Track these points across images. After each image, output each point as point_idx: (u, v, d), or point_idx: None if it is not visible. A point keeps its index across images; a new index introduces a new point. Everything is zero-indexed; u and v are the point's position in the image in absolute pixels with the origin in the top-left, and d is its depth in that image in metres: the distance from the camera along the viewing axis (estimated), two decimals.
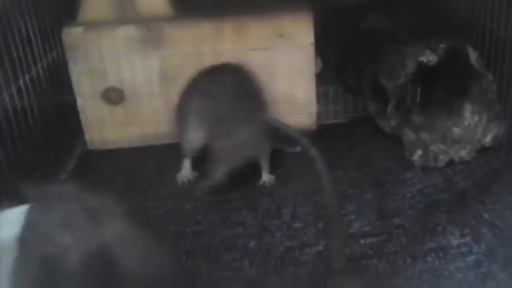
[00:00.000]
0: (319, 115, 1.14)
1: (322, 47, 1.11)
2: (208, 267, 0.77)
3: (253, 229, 0.85)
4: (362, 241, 0.81)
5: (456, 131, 1.05)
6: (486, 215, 0.86)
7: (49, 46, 0.96)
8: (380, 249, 0.79)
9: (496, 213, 0.86)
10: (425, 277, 0.73)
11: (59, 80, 0.98)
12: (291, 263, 0.77)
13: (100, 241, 0.50)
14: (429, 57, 0.98)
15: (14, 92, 0.69)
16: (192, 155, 0.96)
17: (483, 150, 1.01)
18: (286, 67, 1.08)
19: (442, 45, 0.98)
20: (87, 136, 1.05)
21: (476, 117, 1.04)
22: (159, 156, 1.05)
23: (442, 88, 1.08)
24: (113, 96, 0.97)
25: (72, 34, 0.99)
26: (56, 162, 0.92)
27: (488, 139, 1.02)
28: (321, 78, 1.15)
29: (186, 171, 0.96)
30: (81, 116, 1.03)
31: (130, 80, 0.99)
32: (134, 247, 0.52)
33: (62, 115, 0.97)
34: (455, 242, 0.80)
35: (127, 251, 0.51)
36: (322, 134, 1.10)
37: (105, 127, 1.03)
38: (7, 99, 0.63)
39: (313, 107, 1.11)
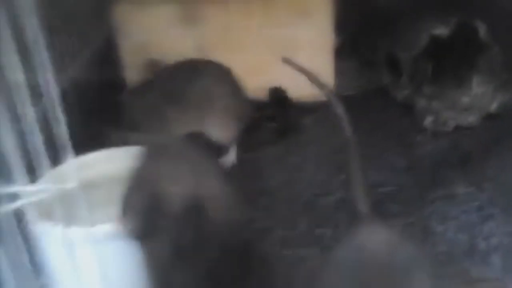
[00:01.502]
0: (336, 87, 1.23)
1: (340, 23, 1.20)
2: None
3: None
4: (378, 190, 0.91)
5: (464, 99, 1.13)
6: (489, 171, 0.96)
7: (102, 22, 1.09)
8: (394, 196, 0.90)
9: (498, 170, 0.96)
10: (434, 217, 0.84)
11: (110, 52, 1.10)
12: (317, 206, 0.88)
13: (197, 191, 0.61)
14: (441, 31, 1.07)
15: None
16: None
17: (489, 117, 1.10)
18: (307, 42, 1.17)
19: (453, 19, 1.07)
20: None
21: (483, 87, 1.12)
22: None
23: (452, 59, 1.17)
24: (155, 67, 1.08)
25: (122, 12, 1.11)
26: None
27: (494, 107, 1.11)
28: (338, 52, 1.23)
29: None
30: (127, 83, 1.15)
31: (169, 53, 1.10)
32: (223, 199, 0.63)
33: (111, 83, 1.09)
34: (460, 191, 0.90)
35: (218, 202, 0.61)
36: None
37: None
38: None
39: (330, 79, 1.21)
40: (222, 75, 1.00)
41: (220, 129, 1.00)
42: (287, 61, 0.88)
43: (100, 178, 0.74)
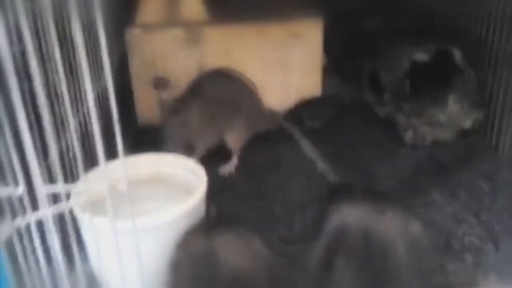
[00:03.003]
0: None
1: (328, 45, 1.32)
2: None
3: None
4: None
5: (441, 116, 1.23)
6: (462, 181, 1.07)
7: (117, 44, 1.19)
8: None
9: (471, 180, 1.06)
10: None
11: (122, 70, 1.20)
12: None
13: None
14: (421, 56, 1.18)
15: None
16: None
17: (463, 133, 1.21)
18: (298, 61, 1.29)
19: (432, 46, 1.18)
20: (140, 115, 1.27)
21: (458, 105, 1.22)
22: None
23: (430, 80, 1.27)
24: (161, 83, 1.18)
25: (132, 34, 1.22)
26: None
27: (468, 124, 1.21)
28: (326, 71, 1.35)
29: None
30: (135, 99, 1.26)
31: (174, 71, 1.21)
32: None
33: (122, 98, 1.18)
34: (437, 198, 1.01)
35: None
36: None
37: (154, 108, 1.24)
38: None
39: (318, 95, 1.32)
40: (248, 85, 1.11)
41: (238, 137, 1.10)
42: None
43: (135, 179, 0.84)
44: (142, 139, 1.20)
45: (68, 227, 0.67)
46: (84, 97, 0.82)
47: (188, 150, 1.01)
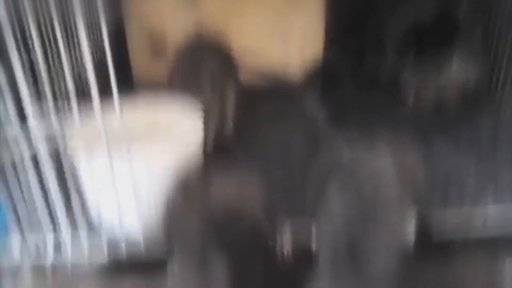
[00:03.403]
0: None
1: (329, 9, 1.31)
2: None
3: None
4: None
5: (444, 77, 1.21)
6: (464, 135, 1.06)
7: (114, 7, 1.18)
8: None
9: (472, 134, 1.06)
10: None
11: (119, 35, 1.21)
12: None
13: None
14: (424, 17, 1.17)
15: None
16: None
17: (467, 92, 1.19)
18: (299, 26, 1.29)
19: (435, 6, 1.17)
20: (136, 80, 1.27)
21: (461, 65, 1.21)
22: None
23: (434, 41, 1.26)
24: (157, 48, 1.19)
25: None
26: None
27: (471, 83, 1.20)
28: (327, 36, 1.33)
29: None
30: (132, 65, 1.26)
31: (172, 35, 1.21)
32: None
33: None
34: (436, 151, 1.01)
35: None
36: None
37: (150, 71, 1.25)
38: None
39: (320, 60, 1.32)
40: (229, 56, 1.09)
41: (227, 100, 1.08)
42: None
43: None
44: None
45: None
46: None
47: None
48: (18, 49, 0.65)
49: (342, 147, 0.71)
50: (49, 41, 0.77)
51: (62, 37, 0.68)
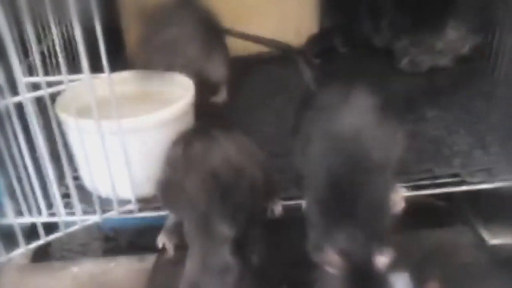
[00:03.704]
0: None
1: None
2: None
3: None
4: None
5: (439, 43, 1.20)
6: (457, 100, 1.06)
7: None
8: None
9: (465, 99, 1.06)
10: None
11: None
12: None
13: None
14: None
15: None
16: None
17: (461, 58, 1.19)
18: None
19: None
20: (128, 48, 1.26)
21: (456, 32, 1.20)
22: None
23: (428, 6, 1.24)
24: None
25: None
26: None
27: (465, 49, 1.20)
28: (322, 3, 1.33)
29: None
30: (125, 36, 1.25)
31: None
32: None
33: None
34: (430, 114, 1.01)
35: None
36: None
37: None
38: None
39: (315, 27, 1.32)
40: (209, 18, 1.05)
41: (217, 68, 1.07)
42: None
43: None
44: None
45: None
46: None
47: None
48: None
49: (328, 104, 0.71)
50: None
51: None
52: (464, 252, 0.82)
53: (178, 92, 0.86)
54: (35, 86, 0.68)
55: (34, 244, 0.77)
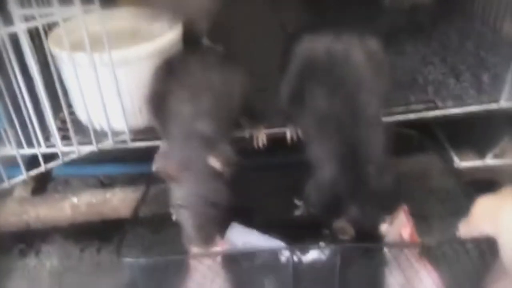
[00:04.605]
0: None
1: None
2: None
3: None
4: None
5: None
6: (435, 34, 1.10)
7: None
8: None
9: (442, 33, 1.11)
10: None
11: None
12: None
13: None
14: None
15: None
16: None
17: None
18: None
19: None
20: None
21: None
22: None
23: None
24: None
25: None
26: None
27: None
28: None
29: None
30: None
31: None
32: None
33: None
34: (408, 48, 1.06)
35: None
36: None
37: None
38: None
39: None
40: None
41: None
42: None
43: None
44: None
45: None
46: None
47: None
48: None
49: (318, 40, 0.75)
50: None
51: None
52: (434, 177, 0.87)
53: (167, 29, 0.90)
54: (28, 19, 0.72)
55: (35, 171, 0.82)
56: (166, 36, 0.84)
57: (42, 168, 0.83)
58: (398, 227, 0.76)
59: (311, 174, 0.73)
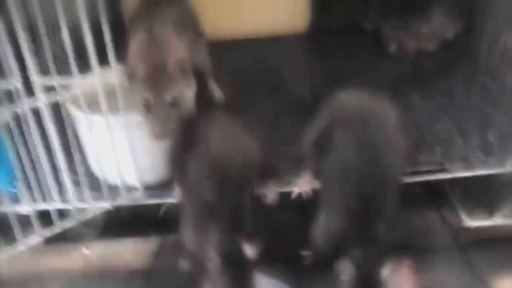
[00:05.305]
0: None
1: None
2: None
3: None
4: None
5: (425, 28, 1.26)
6: (441, 86, 1.12)
7: None
8: None
9: (448, 85, 1.12)
10: None
11: None
12: None
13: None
14: None
15: None
16: None
17: (446, 44, 1.25)
18: None
19: None
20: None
21: (441, 18, 1.26)
22: None
23: None
24: None
25: None
26: None
27: (450, 35, 1.25)
28: None
29: None
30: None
31: None
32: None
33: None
34: (415, 101, 1.07)
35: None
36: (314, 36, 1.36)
37: None
38: None
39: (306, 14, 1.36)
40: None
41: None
42: None
43: None
44: None
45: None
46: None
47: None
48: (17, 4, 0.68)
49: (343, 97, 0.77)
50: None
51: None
52: (440, 234, 0.89)
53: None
54: (48, 87, 0.73)
55: (49, 230, 0.83)
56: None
57: (58, 228, 0.84)
58: (400, 281, 0.77)
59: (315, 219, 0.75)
